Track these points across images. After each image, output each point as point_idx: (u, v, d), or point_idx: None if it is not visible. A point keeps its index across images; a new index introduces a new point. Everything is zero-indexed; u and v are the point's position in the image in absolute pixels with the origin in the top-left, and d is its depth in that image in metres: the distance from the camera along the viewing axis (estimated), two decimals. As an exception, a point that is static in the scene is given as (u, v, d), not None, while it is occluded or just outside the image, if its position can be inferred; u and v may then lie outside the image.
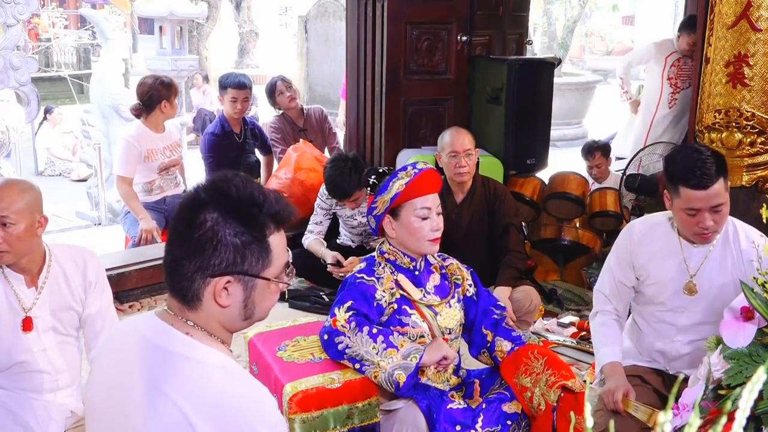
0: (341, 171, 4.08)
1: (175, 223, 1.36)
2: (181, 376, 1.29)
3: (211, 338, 1.35)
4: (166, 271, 1.35)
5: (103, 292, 2.49)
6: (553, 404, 2.23)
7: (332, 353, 2.36)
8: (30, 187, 2.35)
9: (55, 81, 13.26)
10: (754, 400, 0.79)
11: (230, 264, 1.31)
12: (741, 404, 0.78)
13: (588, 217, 4.71)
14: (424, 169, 2.42)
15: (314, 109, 5.65)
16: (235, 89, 5.09)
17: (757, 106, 3.11)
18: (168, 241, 1.38)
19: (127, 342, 1.40)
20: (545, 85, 4.95)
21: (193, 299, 1.34)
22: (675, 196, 2.38)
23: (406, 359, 2.26)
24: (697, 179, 2.29)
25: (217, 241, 1.30)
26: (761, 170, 3.15)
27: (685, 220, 2.39)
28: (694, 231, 2.40)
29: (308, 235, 4.43)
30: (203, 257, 1.30)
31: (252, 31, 14.83)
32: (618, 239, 2.67)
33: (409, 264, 2.47)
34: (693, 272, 2.48)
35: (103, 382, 1.42)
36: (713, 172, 2.30)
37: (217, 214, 1.30)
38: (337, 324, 2.33)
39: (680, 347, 2.55)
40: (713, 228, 2.36)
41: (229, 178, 1.35)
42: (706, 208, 2.32)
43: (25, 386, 2.37)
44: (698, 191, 2.30)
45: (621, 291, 2.63)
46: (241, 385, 1.31)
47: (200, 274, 1.31)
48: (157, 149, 4.45)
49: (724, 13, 3.13)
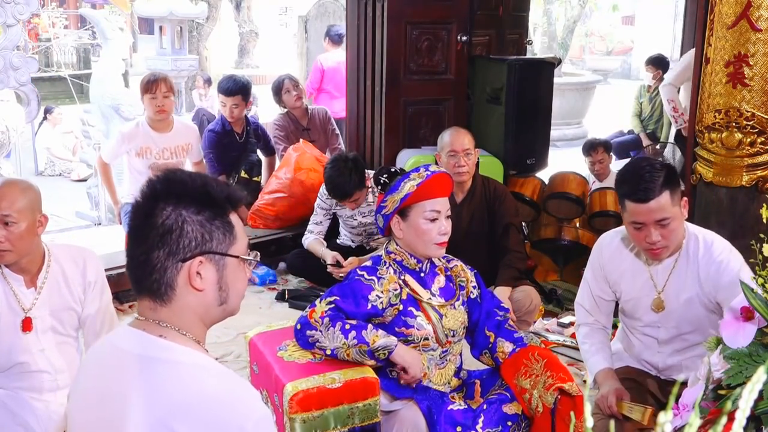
0: (341, 172, 4.08)
1: (133, 222, 1.35)
2: (158, 380, 1.27)
3: (185, 338, 1.33)
4: (134, 273, 1.33)
5: (103, 292, 2.49)
6: (550, 406, 2.23)
7: (302, 343, 2.37)
8: (30, 187, 2.35)
9: (55, 81, 13.25)
10: (754, 400, 0.79)
11: (199, 243, 1.31)
12: (741, 404, 0.78)
13: (588, 217, 4.71)
14: (436, 171, 2.41)
15: (318, 109, 5.66)
16: (223, 95, 5.08)
17: (757, 106, 3.10)
18: (130, 242, 1.35)
19: (101, 356, 1.39)
20: (545, 85, 4.96)
21: (166, 290, 1.32)
22: (623, 209, 2.38)
23: (375, 353, 2.29)
24: (639, 193, 2.29)
25: (182, 222, 1.30)
26: (761, 170, 3.15)
27: (633, 234, 2.39)
28: (642, 246, 2.39)
29: (308, 235, 4.43)
30: (171, 243, 1.30)
31: (252, 31, 14.83)
32: (591, 254, 2.67)
33: (415, 265, 2.47)
34: (660, 288, 2.48)
35: (82, 397, 1.41)
36: (657, 185, 2.28)
37: (174, 200, 1.31)
38: (313, 316, 2.33)
39: (666, 359, 2.56)
40: (662, 243, 2.33)
41: (178, 171, 1.39)
42: (651, 222, 2.30)
43: (24, 386, 2.38)
44: (639, 204, 2.29)
45: (600, 305, 2.64)
46: (222, 382, 1.29)
47: (171, 260, 1.30)
48: (153, 148, 4.43)
49: (724, 13, 3.13)
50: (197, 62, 9.65)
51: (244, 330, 2.84)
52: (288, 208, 4.95)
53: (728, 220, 3.14)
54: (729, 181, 3.25)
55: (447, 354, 2.48)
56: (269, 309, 4.26)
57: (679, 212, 2.34)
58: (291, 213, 4.96)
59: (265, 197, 5.01)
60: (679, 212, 2.35)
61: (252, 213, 5.01)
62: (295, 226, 4.91)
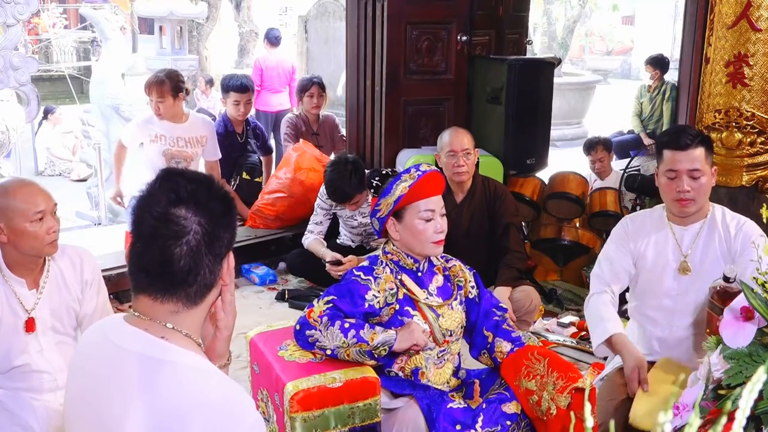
0: (342, 175, 4.08)
1: (161, 229, 1.30)
2: (156, 381, 1.28)
3: (188, 341, 1.35)
4: (173, 276, 1.31)
5: (99, 291, 2.50)
6: (565, 408, 2.22)
7: (302, 344, 2.38)
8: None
9: (55, 81, 13.26)
10: (754, 400, 0.79)
11: (230, 242, 1.39)
12: (741, 404, 0.78)
13: (588, 217, 4.71)
14: (427, 171, 2.42)
15: (327, 116, 5.70)
16: (238, 92, 5.11)
17: (757, 106, 3.11)
18: (160, 247, 1.30)
19: (99, 353, 1.39)
20: (545, 85, 4.96)
21: (203, 292, 1.35)
22: (660, 161, 2.53)
23: (375, 351, 2.30)
24: (678, 140, 2.48)
25: (219, 229, 1.35)
26: (761, 170, 3.16)
27: (665, 184, 2.52)
28: (672, 197, 2.52)
29: (308, 235, 4.43)
30: (216, 249, 1.35)
31: (252, 31, 14.79)
32: (615, 231, 2.76)
33: (413, 265, 2.47)
34: (686, 252, 2.58)
35: (77, 394, 1.41)
36: (695, 137, 2.48)
37: (200, 207, 1.33)
38: (311, 316, 2.34)
39: (678, 332, 2.61)
40: (691, 195, 2.48)
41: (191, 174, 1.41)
42: (684, 170, 2.46)
43: (24, 386, 2.38)
44: (678, 152, 2.47)
45: (620, 276, 2.70)
46: (217, 386, 1.31)
47: (217, 264, 1.36)
48: (167, 136, 4.50)
49: (724, 13, 3.13)
50: (197, 62, 9.64)
51: (244, 330, 2.84)
52: (288, 208, 4.95)
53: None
54: (729, 181, 3.26)
55: (445, 353, 2.48)
56: (269, 309, 4.26)
57: (709, 172, 2.50)
58: (291, 213, 4.96)
59: (265, 197, 5.01)
60: (710, 172, 2.50)
61: (252, 213, 5.02)
62: (295, 226, 4.92)
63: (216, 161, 4.77)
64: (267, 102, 7.68)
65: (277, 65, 7.84)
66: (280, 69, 7.84)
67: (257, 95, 7.10)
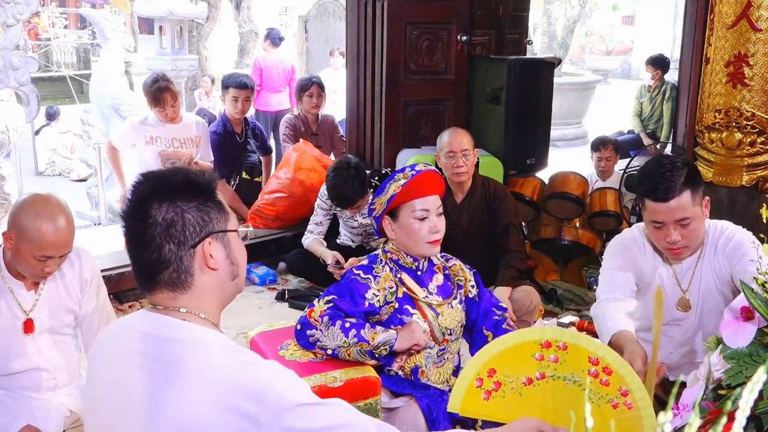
0: (344, 180, 4.08)
1: (130, 226, 1.40)
2: (185, 361, 1.32)
3: (204, 321, 1.41)
4: (147, 271, 1.39)
5: (99, 290, 2.50)
6: None
7: (303, 343, 2.38)
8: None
9: (55, 81, 13.25)
10: (754, 400, 0.79)
11: (202, 226, 1.40)
12: (741, 404, 0.78)
13: (588, 217, 4.71)
14: (422, 170, 2.41)
15: (327, 117, 5.71)
16: (237, 89, 5.14)
17: (757, 105, 3.11)
18: (132, 246, 1.41)
19: (122, 339, 1.42)
20: (545, 85, 4.96)
21: (186, 278, 1.39)
22: (642, 207, 2.35)
23: (376, 351, 2.30)
24: (658, 191, 2.25)
25: (181, 212, 1.38)
26: (761, 170, 3.16)
27: (652, 233, 2.36)
28: (662, 246, 2.37)
29: (308, 235, 4.43)
30: (177, 234, 1.38)
31: (252, 31, 14.79)
32: (622, 243, 2.58)
33: (412, 264, 2.47)
34: (684, 287, 2.47)
35: (102, 381, 1.43)
36: (678, 184, 2.25)
37: (165, 196, 1.38)
38: (312, 315, 2.34)
39: (678, 358, 2.56)
40: (681, 243, 2.31)
41: (157, 171, 1.48)
42: (670, 221, 2.28)
43: (23, 385, 2.38)
44: (659, 204, 2.26)
45: (629, 287, 2.55)
46: (244, 354, 1.37)
47: (184, 249, 1.38)
48: (162, 137, 4.54)
49: (724, 13, 3.13)
50: (197, 62, 9.64)
51: (244, 330, 2.84)
52: (288, 208, 4.95)
53: (728, 219, 3.14)
54: (729, 181, 3.26)
55: (444, 352, 2.48)
56: (269, 309, 4.26)
57: (700, 212, 2.31)
58: (291, 213, 4.96)
59: (265, 197, 5.01)
60: (700, 212, 2.31)
61: (252, 213, 5.02)
62: (295, 226, 4.92)
63: (211, 162, 4.82)
64: (267, 102, 7.71)
65: (276, 65, 7.88)
66: (279, 69, 7.86)
67: (257, 95, 7.13)
